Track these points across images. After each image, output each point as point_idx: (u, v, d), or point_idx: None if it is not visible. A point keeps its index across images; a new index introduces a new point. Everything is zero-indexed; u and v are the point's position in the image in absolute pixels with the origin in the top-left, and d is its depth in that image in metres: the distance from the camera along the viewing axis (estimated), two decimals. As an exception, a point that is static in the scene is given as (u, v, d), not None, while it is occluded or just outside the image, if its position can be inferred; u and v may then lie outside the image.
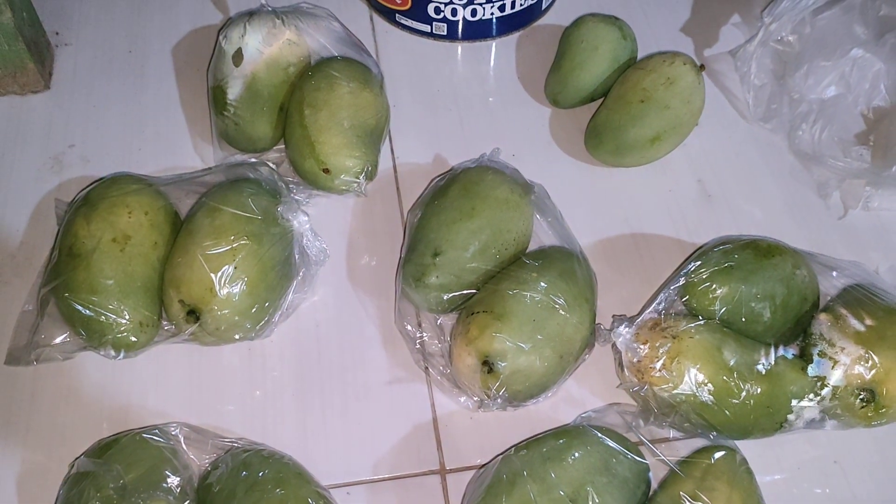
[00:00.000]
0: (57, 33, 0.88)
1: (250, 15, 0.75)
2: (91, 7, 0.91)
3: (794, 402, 0.59)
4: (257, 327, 0.65)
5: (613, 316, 0.65)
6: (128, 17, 0.91)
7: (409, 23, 0.89)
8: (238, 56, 0.73)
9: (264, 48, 0.74)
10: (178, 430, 0.59)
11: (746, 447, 0.59)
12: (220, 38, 0.75)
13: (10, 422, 0.63)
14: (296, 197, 0.69)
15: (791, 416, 0.59)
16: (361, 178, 0.71)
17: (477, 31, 0.88)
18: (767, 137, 0.82)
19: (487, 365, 0.59)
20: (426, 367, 0.66)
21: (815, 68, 0.80)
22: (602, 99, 0.80)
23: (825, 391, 0.59)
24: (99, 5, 0.92)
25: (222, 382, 0.66)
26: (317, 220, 0.70)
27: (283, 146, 0.76)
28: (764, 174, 0.79)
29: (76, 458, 0.57)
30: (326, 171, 0.71)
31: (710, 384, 0.58)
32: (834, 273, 0.65)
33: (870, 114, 0.81)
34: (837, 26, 0.81)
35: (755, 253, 0.63)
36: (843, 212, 0.76)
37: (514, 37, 0.90)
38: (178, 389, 0.65)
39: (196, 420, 0.62)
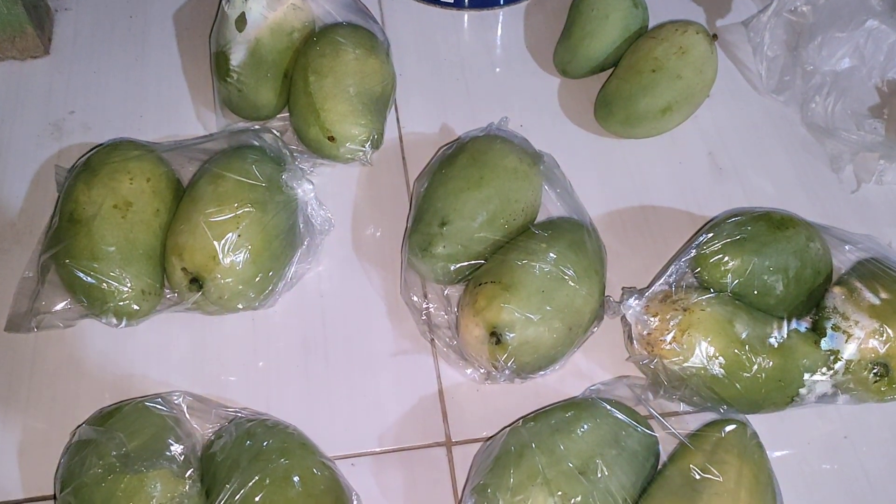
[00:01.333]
0: (57, -3, 0.87)
1: (254, -21, 0.73)
2: (91, -29, 0.90)
3: (806, 376, 0.58)
4: (261, 297, 0.64)
5: (623, 288, 0.64)
6: (128, -19, 0.89)
7: (416, -10, 0.87)
8: (241, 21, 0.72)
9: (268, 13, 0.72)
10: (181, 399, 0.58)
11: (757, 421, 0.58)
12: (224, 2, 0.73)
13: (11, 389, 0.62)
14: (300, 165, 0.68)
15: (803, 391, 0.58)
16: (367, 146, 0.70)
17: (485, -1, 0.87)
18: (780, 110, 0.80)
19: (495, 336, 0.58)
20: (432, 339, 0.65)
21: (829, 40, 0.78)
22: (612, 69, 0.78)
23: (838, 365, 0.58)
24: (99, -31, 0.90)
25: (226, 352, 0.65)
26: (321, 189, 0.69)
27: (287, 114, 0.75)
28: (776, 147, 0.78)
29: (78, 427, 0.56)
30: (331, 138, 0.69)
31: (720, 357, 0.57)
32: (847, 247, 0.64)
33: (884, 86, 0.80)
34: (853, -3, 0.80)
35: (768, 225, 0.62)
36: (856, 185, 0.75)
37: (522, 5, 0.89)
38: (180, 359, 0.64)
39: (199, 390, 0.61)
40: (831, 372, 0.58)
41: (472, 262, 0.63)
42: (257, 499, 0.51)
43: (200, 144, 0.69)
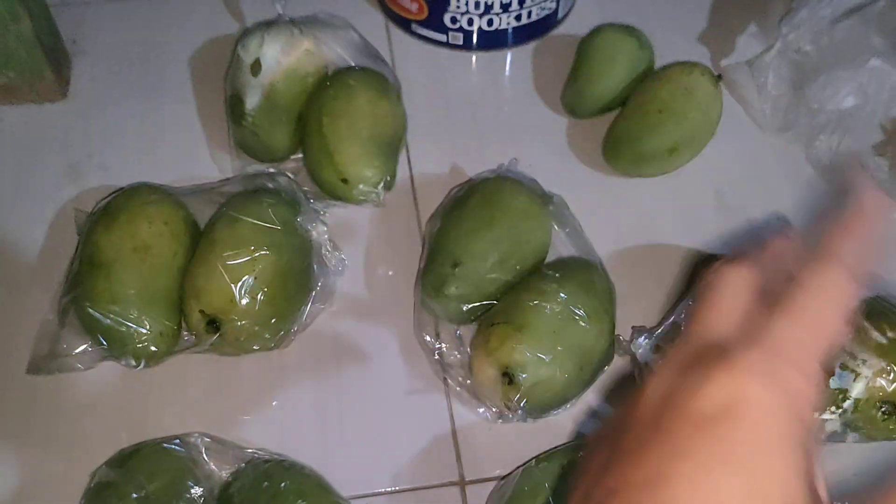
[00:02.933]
0: (74, 41, 0.89)
1: (268, 25, 0.75)
2: (108, 16, 0.92)
3: (815, 415, 0.59)
4: (276, 338, 0.65)
5: (633, 327, 0.65)
6: (145, 26, 0.91)
7: (425, 32, 0.89)
8: (256, 66, 0.74)
9: (282, 58, 0.74)
10: (198, 440, 0.59)
11: (768, 460, 0.59)
12: (238, 47, 0.75)
13: (30, 430, 0.63)
14: (314, 207, 0.69)
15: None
16: (380, 187, 0.71)
17: (493, 40, 0.89)
18: (785, 148, 0.81)
19: (508, 376, 0.59)
20: (445, 378, 0.66)
21: (833, 78, 0.80)
22: (619, 109, 0.80)
23: (847, 404, 0.59)
24: (116, 14, 0.92)
25: (241, 393, 0.66)
26: (334, 230, 0.70)
27: (300, 156, 0.76)
28: (782, 185, 0.79)
29: (97, 468, 0.57)
30: (344, 180, 0.71)
31: (731, 397, 0.58)
32: (853, 284, 0.65)
33: (888, 124, 0.81)
34: (855, 36, 0.81)
35: (776, 264, 0.63)
36: (861, 223, 0.76)
37: (529, 46, 0.90)
38: (197, 399, 0.65)
39: (215, 430, 0.62)
40: (840, 411, 0.59)
41: (485, 302, 0.64)
42: (275, 541, 0.52)
43: (217, 188, 0.70)
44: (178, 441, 0.58)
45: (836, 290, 0.30)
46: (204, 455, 0.58)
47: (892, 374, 0.58)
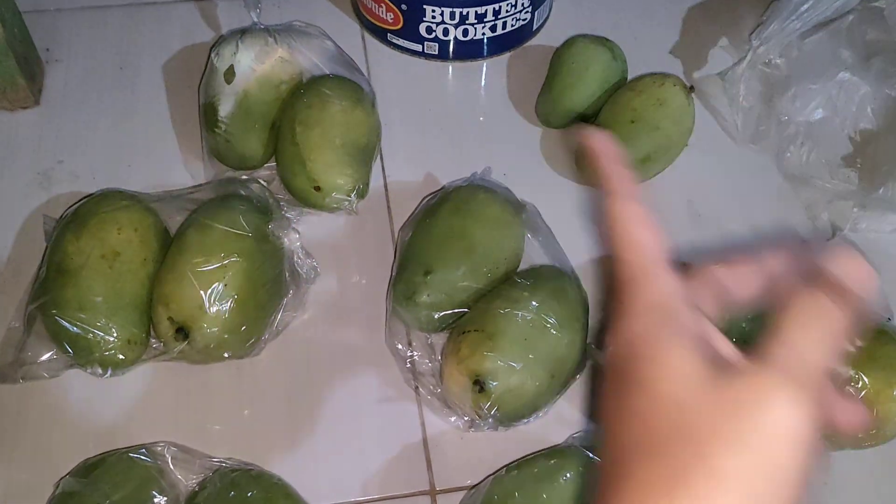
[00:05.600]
0: (48, 49, 0.88)
1: (242, 32, 0.75)
2: (82, 24, 0.91)
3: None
4: (246, 346, 0.64)
5: (605, 335, 0.65)
6: (119, 33, 0.91)
7: (401, 42, 0.89)
8: (230, 73, 0.73)
9: (256, 66, 0.74)
10: (165, 450, 0.58)
11: (737, 468, 0.59)
12: (212, 55, 0.75)
13: (-6, 440, 0.62)
14: (287, 214, 0.69)
15: (782, 437, 0.59)
16: (353, 196, 0.71)
17: (468, 51, 0.89)
18: (756, 159, 0.82)
19: (479, 384, 0.59)
20: (416, 386, 0.65)
21: (803, 91, 0.81)
22: (593, 119, 0.80)
23: (816, 412, 0.59)
24: (90, 22, 0.92)
25: (211, 401, 0.65)
26: (307, 237, 0.70)
27: (273, 164, 0.76)
28: (753, 195, 0.80)
29: (61, 478, 0.56)
30: (317, 188, 0.71)
31: (701, 404, 0.58)
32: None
33: (857, 136, 0.82)
34: (824, 50, 0.82)
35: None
36: (831, 233, 0.77)
37: (504, 57, 0.91)
38: (165, 408, 0.65)
39: (184, 439, 0.61)
40: (809, 419, 0.59)
41: (456, 310, 0.64)
42: (241, 550, 0.51)
43: (188, 194, 0.70)
44: (144, 450, 0.57)
45: (828, 319, 0.30)
46: (170, 464, 0.58)
47: (860, 383, 0.58)
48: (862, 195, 0.76)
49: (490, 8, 0.85)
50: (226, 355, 0.64)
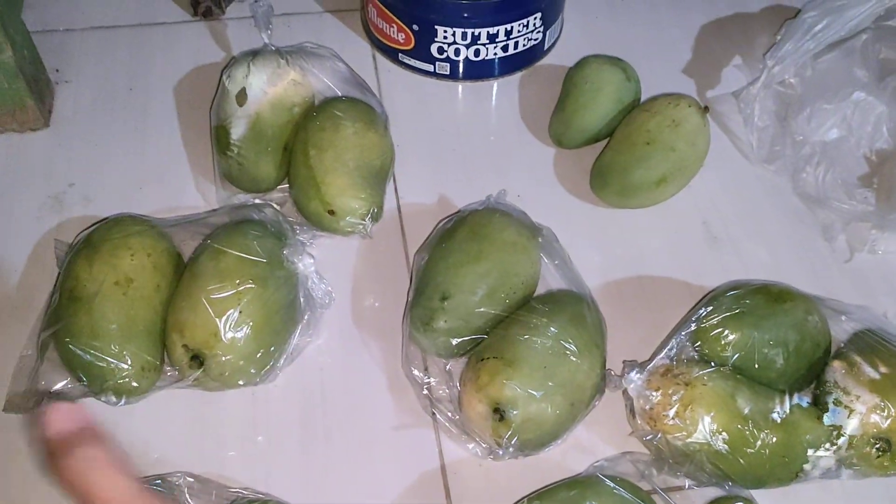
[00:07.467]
0: (57, 70, 0.88)
1: (254, 54, 0.75)
2: (92, 44, 0.91)
3: (810, 452, 0.58)
4: (262, 372, 0.63)
5: (624, 361, 0.65)
6: (129, 54, 0.90)
7: (413, 62, 0.89)
8: (242, 95, 0.73)
9: (269, 88, 0.73)
10: (181, 480, 0.57)
11: (761, 496, 0.58)
12: (224, 77, 0.75)
13: (7, 470, 0.61)
14: (300, 238, 0.68)
15: (807, 466, 0.58)
16: (367, 219, 0.70)
17: (480, 70, 0.89)
18: (772, 179, 0.82)
19: (499, 413, 0.58)
20: (434, 413, 0.65)
21: (818, 111, 0.80)
22: (606, 140, 0.80)
23: (841, 440, 0.58)
24: (100, 42, 0.91)
25: (225, 428, 0.64)
26: (321, 261, 0.69)
27: (286, 186, 0.75)
28: (769, 216, 0.79)
29: (76, 510, 0.55)
30: (332, 212, 0.70)
31: (724, 433, 0.57)
32: (843, 317, 0.65)
33: (873, 156, 0.82)
34: (839, 69, 0.82)
35: (766, 298, 0.63)
36: (848, 255, 0.76)
37: (516, 77, 0.90)
38: (180, 436, 0.64)
39: (199, 468, 0.60)
40: (834, 447, 0.58)
41: (474, 336, 0.63)
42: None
43: (201, 219, 0.69)
44: (159, 481, 0.56)
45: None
46: (187, 495, 0.57)
47: (885, 410, 0.58)
48: (880, 216, 0.75)
49: (502, 28, 0.84)
50: (241, 382, 0.63)
